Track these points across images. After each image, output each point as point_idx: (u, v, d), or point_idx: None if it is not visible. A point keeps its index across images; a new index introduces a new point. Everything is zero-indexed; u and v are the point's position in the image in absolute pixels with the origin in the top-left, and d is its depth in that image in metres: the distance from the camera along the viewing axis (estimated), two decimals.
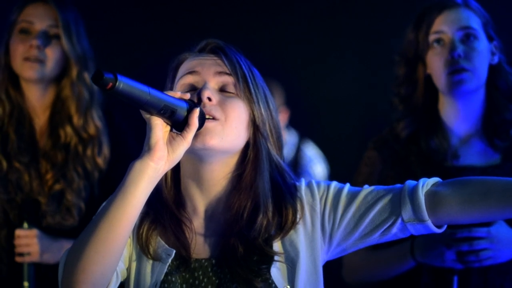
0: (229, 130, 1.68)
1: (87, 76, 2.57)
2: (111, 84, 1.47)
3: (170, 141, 1.60)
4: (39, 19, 2.56)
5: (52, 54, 2.55)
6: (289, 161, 4.23)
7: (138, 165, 1.57)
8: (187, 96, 1.64)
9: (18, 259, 2.50)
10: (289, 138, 4.20)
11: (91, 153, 2.57)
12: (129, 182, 1.57)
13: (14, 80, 2.59)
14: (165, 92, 1.60)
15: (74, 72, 2.56)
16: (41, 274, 2.52)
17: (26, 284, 2.49)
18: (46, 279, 2.52)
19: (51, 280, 2.47)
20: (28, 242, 2.48)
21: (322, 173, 4.16)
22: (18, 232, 2.51)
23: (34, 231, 2.50)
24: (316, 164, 4.27)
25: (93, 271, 1.56)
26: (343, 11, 4.62)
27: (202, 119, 1.64)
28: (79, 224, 2.53)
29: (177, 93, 1.63)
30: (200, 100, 1.68)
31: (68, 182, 2.54)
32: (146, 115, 1.59)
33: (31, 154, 2.58)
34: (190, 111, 1.61)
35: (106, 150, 2.59)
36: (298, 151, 4.32)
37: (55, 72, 2.57)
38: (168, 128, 1.61)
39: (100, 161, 2.58)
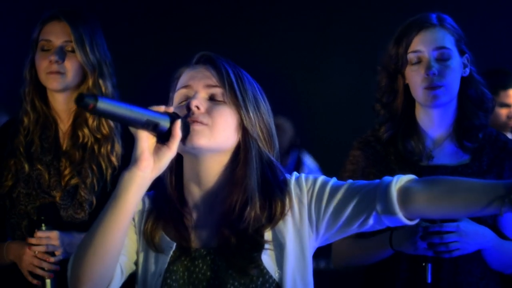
0: (216, 133, 1.82)
1: (102, 83, 2.75)
2: (92, 105, 1.60)
3: (156, 151, 1.74)
4: (55, 36, 2.74)
5: (70, 66, 2.73)
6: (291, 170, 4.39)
7: (127, 175, 1.72)
8: (171, 109, 1.77)
9: (41, 272, 2.63)
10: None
11: (105, 151, 2.73)
12: (120, 190, 1.72)
13: (41, 91, 2.79)
14: (150, 108, 1.72)
15: (90, 80, 2.75)
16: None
17: None
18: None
19: None
20: (53, 243, 2.63)
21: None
22: (39, 233, 2.63)
23: (55, 233, 2.64)
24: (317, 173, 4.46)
25: (94, 271, 1.74)
26: (337, 20, 4.79)
27: (186, 129, 1.79)
28: (89, 218, 2.68)
29: (161, 108, 1.76)
30: (189, 108, 1.82)
31: (82, 178, 2.71)
32: (132, 129, 1.73)
33: (53, 154, 2.76)
34: (173, 122, 1.75)
35: (118, 148, 2.75)
36: (298, 161, 4.49)
37: (76, 81, 2.76)
38: (155, 139, 1.74)
39: (113, 158, 2.74)
